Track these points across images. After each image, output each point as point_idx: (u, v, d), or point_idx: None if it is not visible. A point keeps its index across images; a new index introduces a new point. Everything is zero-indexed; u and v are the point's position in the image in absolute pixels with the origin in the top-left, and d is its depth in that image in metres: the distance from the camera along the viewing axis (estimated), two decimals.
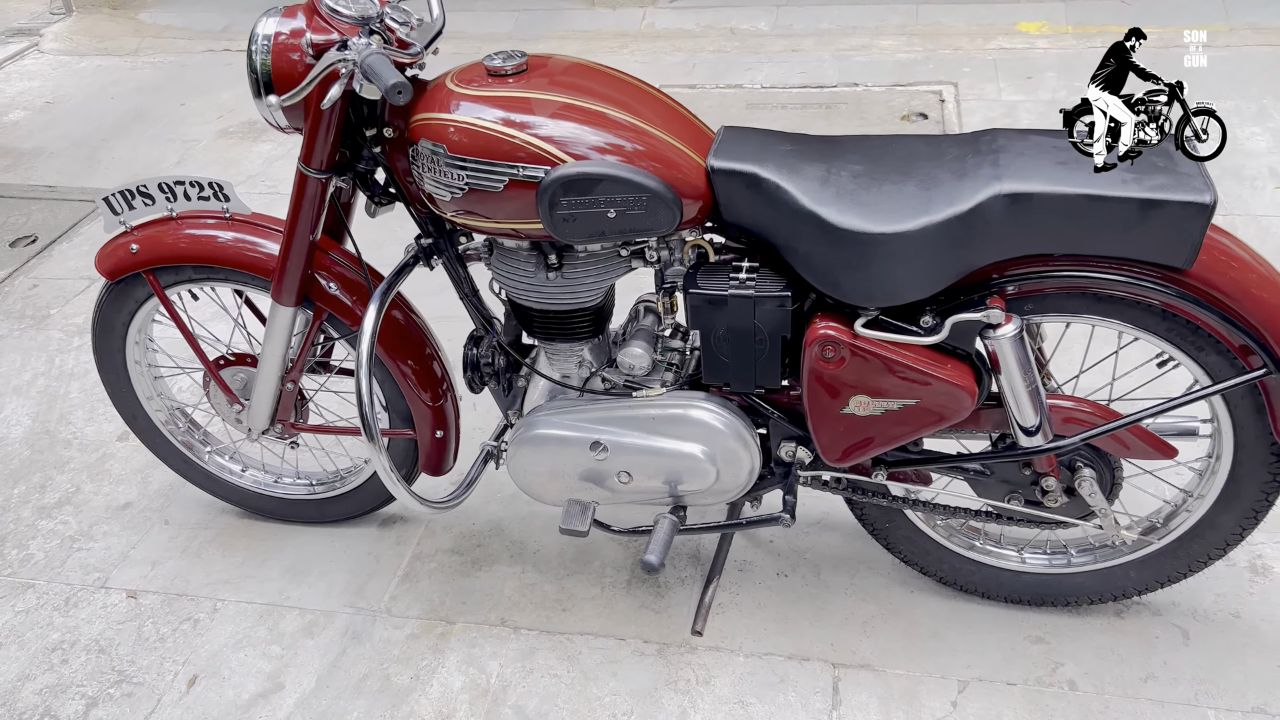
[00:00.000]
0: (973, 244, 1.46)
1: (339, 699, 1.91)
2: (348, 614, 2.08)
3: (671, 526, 1.77)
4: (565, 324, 1.76)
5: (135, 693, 1.96)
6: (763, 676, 1.88)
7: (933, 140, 1.60)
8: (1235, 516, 1.71)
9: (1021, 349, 1.54)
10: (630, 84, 1.65)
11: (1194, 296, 1.48)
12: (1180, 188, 1.39)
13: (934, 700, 1.82)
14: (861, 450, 1.65)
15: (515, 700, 1.88)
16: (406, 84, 1.39)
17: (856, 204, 1.49)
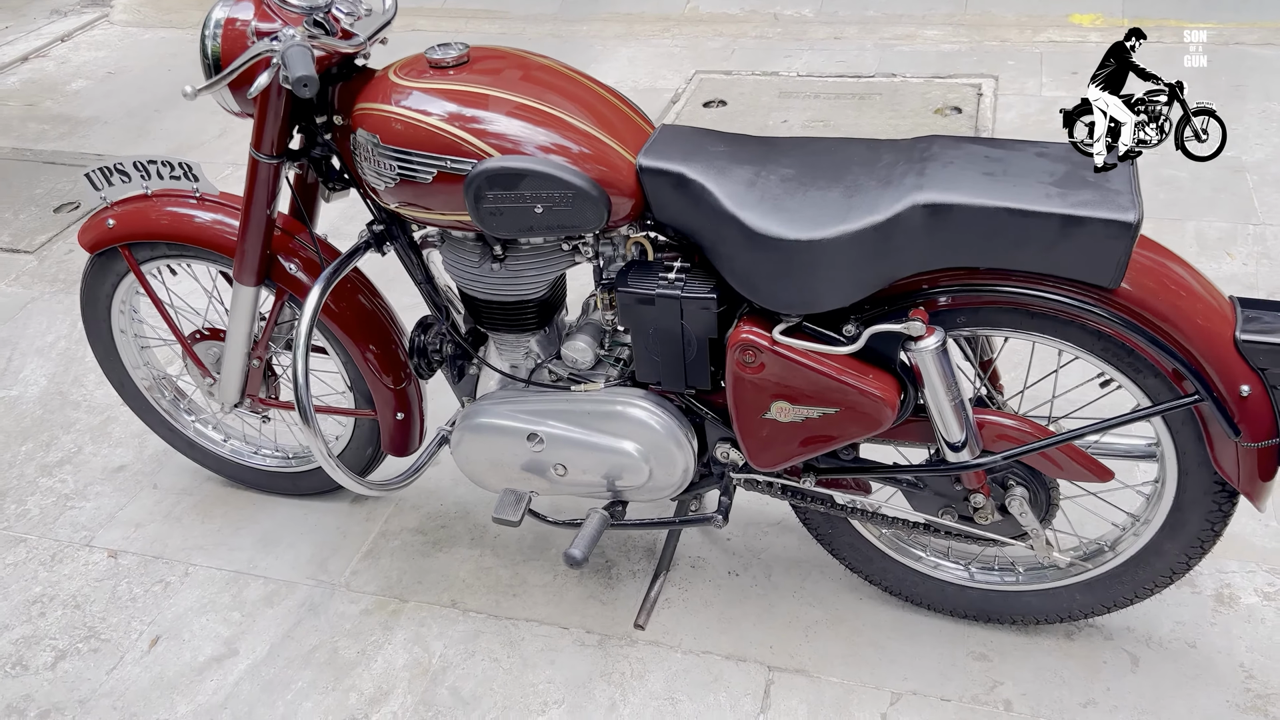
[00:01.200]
0: (892, 254, 1.43)
1: (287, 668, 1.97)
2: (308, 586, 2.14)
3: (601, 521, 1.78)
4: (511, 315, 1.77)
5: (101, 649, 2.05)
6: (697, 675, 1.88)
7: (873, 145, 1.57)
8: (1181, 545, 1.65)
9: (944, 362, 1.50)
10: (571, 78, 1.64)
11: (1122, 317, 1.43)
12: (1104, 205, 1.34)
13: (864, 711, 1.80)
14: (786, 456, 1.64)
15: (453, 681, 1.92)
16: (313, 78, 1.41)
17: (778, 209, 1.47)
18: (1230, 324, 1.44)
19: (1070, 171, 1.41)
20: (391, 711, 1.87)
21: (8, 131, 4.38)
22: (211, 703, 1.92)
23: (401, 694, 1.90)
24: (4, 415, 2.72)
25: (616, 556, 2.14)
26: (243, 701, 1.92)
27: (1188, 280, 1.47)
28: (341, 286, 1.94)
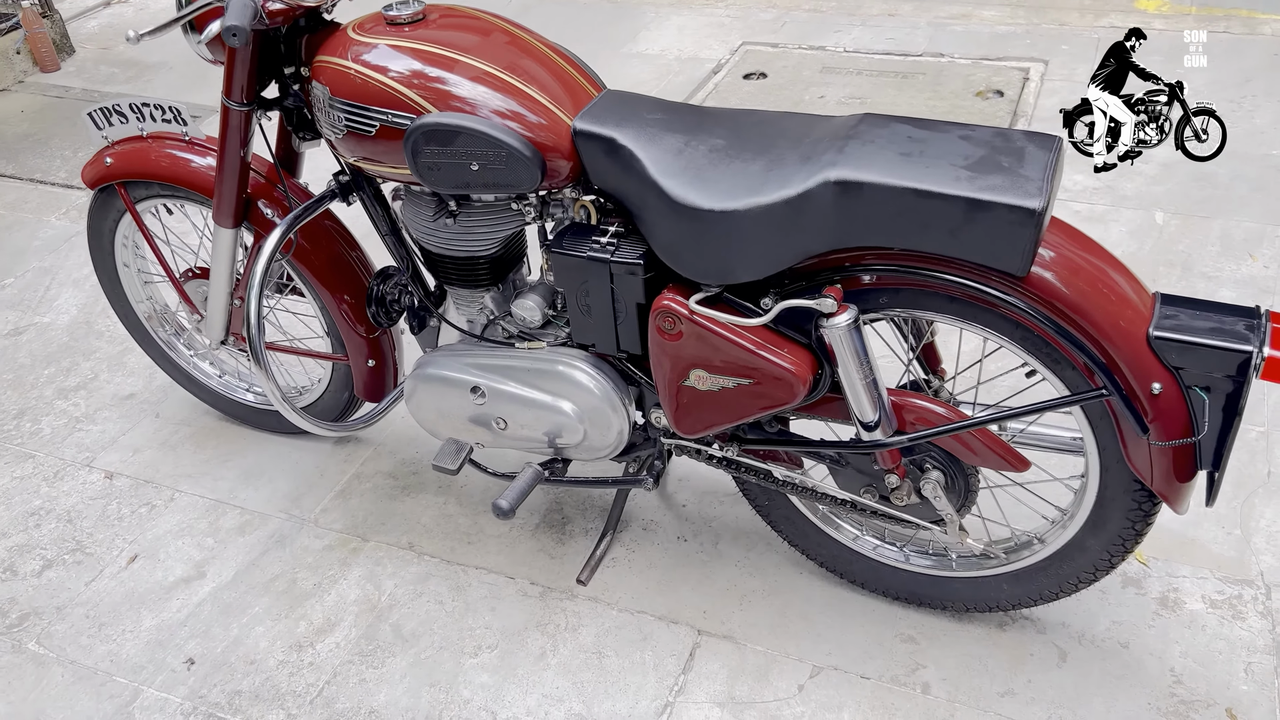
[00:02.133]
0: (805, 230, 1.44)
1: (247, 594, 2.08)
2: (280, 519, 2.25)
3: (534, 476, 1.83)
4: (464, 270, 1.82)
5: (85, 561, 2.19)
6: (628, 633, 1.93)
7: (809, 121, 1.57)
8: (1103, 542, 1.63)
9: (856, 340, 1.51)
10: (521, 40, 1.68)
11: (1032, 306, 1.42)
12: (1011, 190, 1.33)
13: (782, 680, 1.82)
14: (707, 423, 1.66)
15: (396, 619, 2.00)
16: (241, 28, 1.48)
17: (699, 179, 1.49)
18: (1147, 320, 1.41)
19: (988, 156, 1.39)
20: (335, 641, 1.96)
21: (81, 73, 4.59)
22: (174, 620, 2.04)
23: (347, 626, 1.99)
24: (35, 339, 2.89)
25: (573, 514, 2.19)
26: (202, 621, 2.03)
27: (1108, 273, 1.44)
28: (318, 234, 2.02)
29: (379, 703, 1.85)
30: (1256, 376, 1.36)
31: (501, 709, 1.82)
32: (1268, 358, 1.34)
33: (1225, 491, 2.09)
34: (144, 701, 1.89)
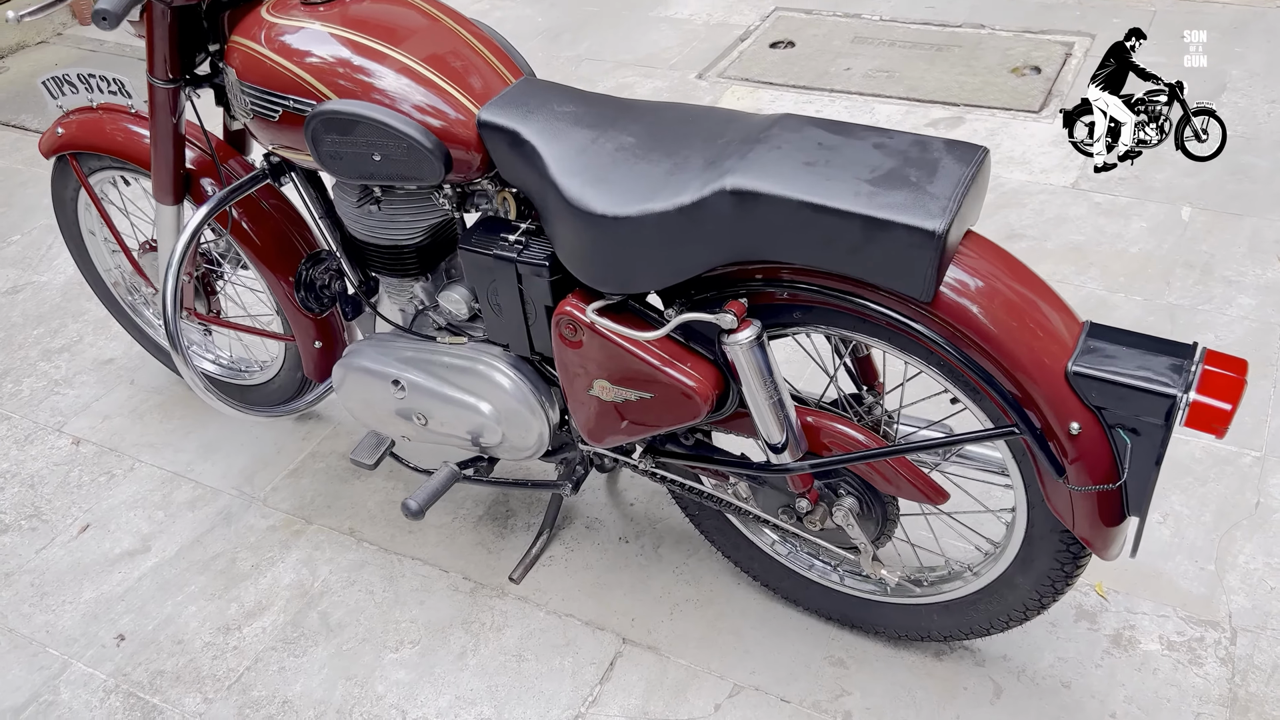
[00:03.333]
0: (701, 241, 1.34)
1: (186, 571, 2.08)
2: (230, 496, 2.24)
3: (449, 477, 1.77)
4: (390, 259, 1.77)
5: (39, 529, 2.21)
6: (552, 636, 1.88)
7: (731, 119, 1.46)
8: (1032, 581, 1.52)
9: (760, 358, 1.41)
10: (439, 22, 1.60)
11: (940, 334, 1.30)
12: (912, 209, 1.22)
13: (700, 698, 1.76)
14: (613, 434, 1.59)
15: (326, 607, 1.98)
16: (111, 13, 1.43)
17: (598, 180, 1.40)
18: (1069, 353, 1.29)
19: (897, 168, 1.27)
20: (262, 626, 1.95)
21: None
22: (113, 593, 2.05)
23: (276, 612, 1.98)
24: (30, 299, 2.92)
25: (518, 507, 2.14)
26: (139, 596, 2.03)
27: (1031, 299, 1.32)
28: (259, 214, 1.98)
29: (294, 693, 1.83)
30: (1180, 423, 1.23)
31: (412, 708, 1.78)
32: (1193, 403, 1.21)
33: (1205, 521, 1.94)
34: (71, 675, 1.90)
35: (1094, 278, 2.56)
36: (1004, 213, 2.80)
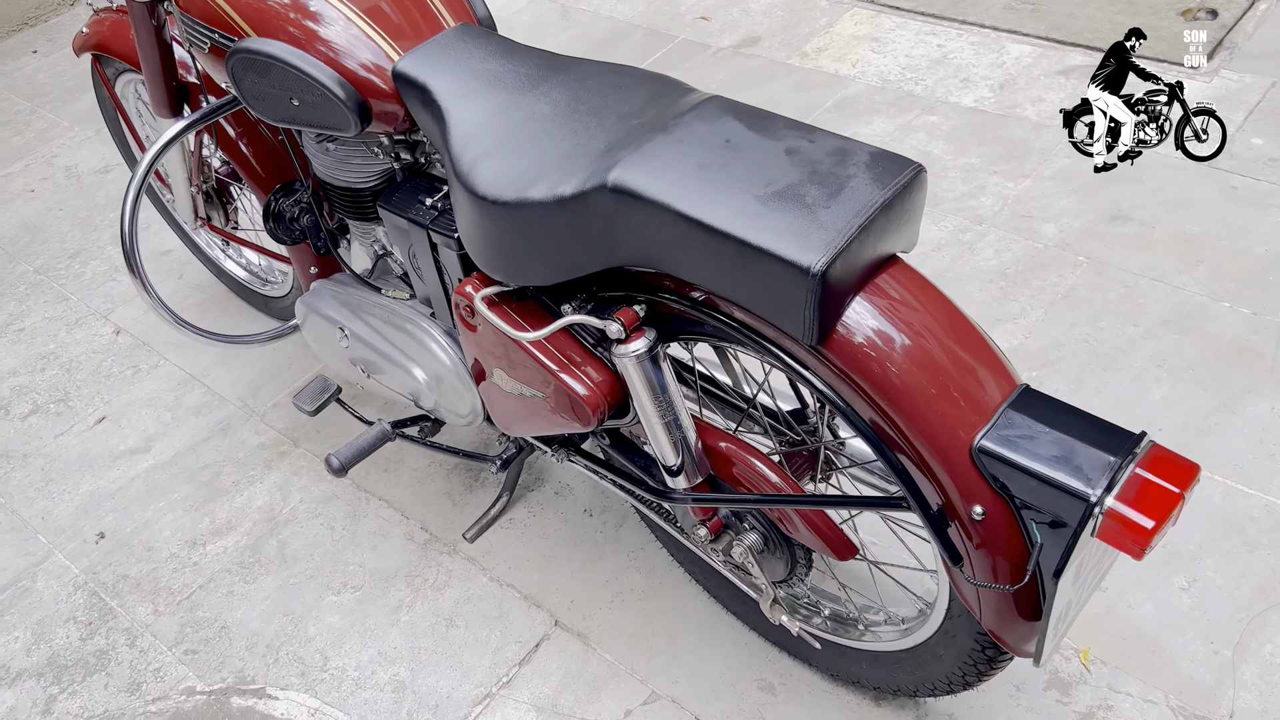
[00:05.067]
0: (582, 239, 1.19)
1: (175, 478, 2.13)
2: (234, 407, 2.27)
3: (378, 437, 1.70)
4: (349, 200, 1.68)
5: (64, 414, 2.31)
6: (487, 606, 1.82)
7: (663, 91, 1.27)
8: (954, 656, 1.33)
9: (652, 372, 1.25)
10: None
11: (826, 382, 1.11)
12: (792, 238, 1.02)
13: (613, 700, 1.66)
14: (517, 425, 1.47)
15: (286, 536, 1.98)
16: None
17: (491, 154, 1.25)
18: (985, 422, 1.07)
19: (798, 183, 1.07)
20: (224, 546, 1.98)
21: None
22: (106, 490, 2.12)
23: (241, 534, 2.00)
24: (118, 180, 3.03)
25: None
26: (128, 497, 2.10)
27: (952, 350, 1.10)
28: (253, 135, 1.92)
29: (234, 619, 1.85)
30: (1092, 533, 1.00)
31: (335, 655, 1.77)
32: (1109, 510, 0.99)
33: (1239, 597, 1.66)
34: (50, 565, 1.99)
35: (1198, 278, 2.21)
36: (1114, 189, 2.43)
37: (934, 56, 3.03)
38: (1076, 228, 2.36)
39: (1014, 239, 2.36)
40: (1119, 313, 2.16)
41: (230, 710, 1.73)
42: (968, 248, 2.37)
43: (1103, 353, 2.09)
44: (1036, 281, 2.27)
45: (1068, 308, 2.19)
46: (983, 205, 2.47)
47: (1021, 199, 2.46)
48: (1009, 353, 2.00)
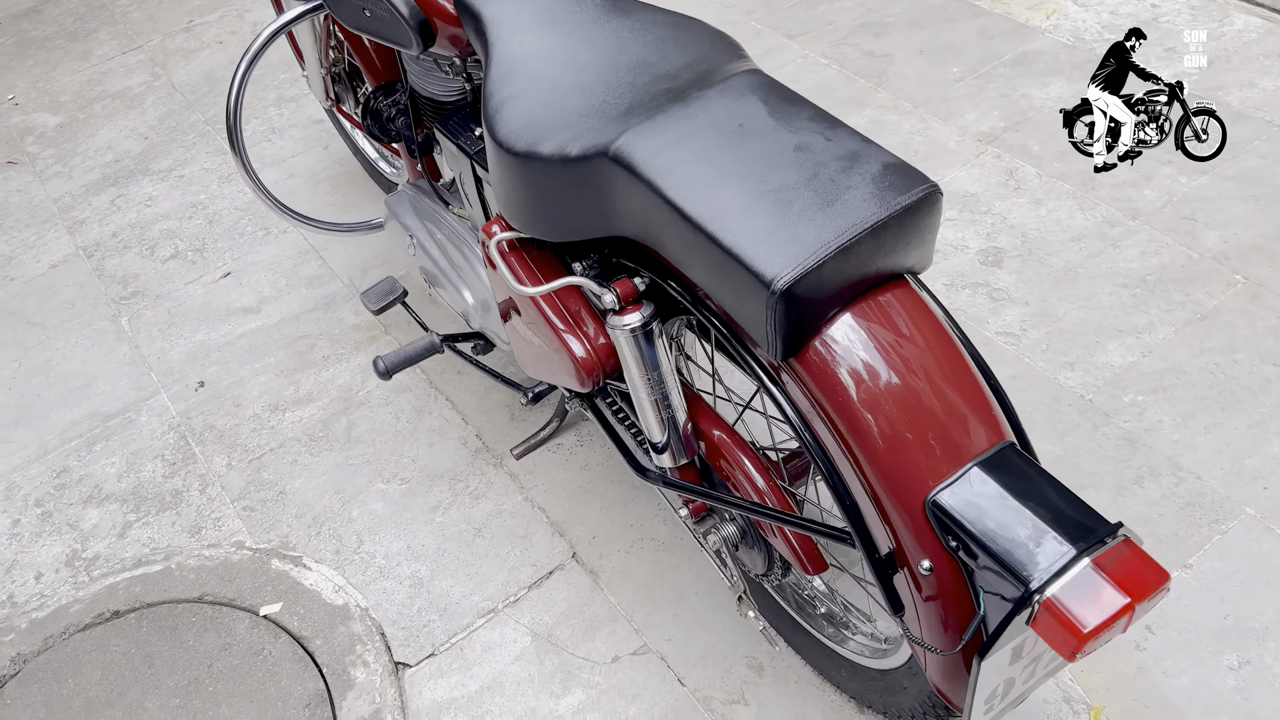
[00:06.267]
0: (582, 203, 1.15)
1: (275, 343, 2.26)
2: (341, 284, 2.38)
3: (426, 348, 1.73)
4: (432, 111, 1.69)
5: (197, 262, 2.49)
6: (515, 524, 1.87)
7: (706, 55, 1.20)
8: (917, 692, 1.27)
9: (644, 347, 1.22)
10: None
11: (790, 400, 1.05)
12: (765, 246, 0.96)
13: (606, 643, 1.69)
14: (530, 369, 1.47)
15: (355, 417, 2.08)
16: None
17: (523, 96, 1.23)
18: (951, 474, 0.99)
19: (797, 185, 1.00)
20: (299, 416, 2.10)
21: None
22: (216, 342, 2.28)
23: (317, 407, 2.12)
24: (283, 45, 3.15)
25: None
26: (231, 352, 2.26)
27: (940, 388, 1.01)
28: None
29: (291, 487, 1.98)
30: (1027, 621, 0.92)
31: (369, 540, 1.87)
32: (1045, 603, 0.90)
33: None
34: (154, 403, 2.18)
35: None
36: None
37: (1143, 18, 2.71)
38: (1244, 241, 2.10)
39: (1167, 242, 2.13)
40: (1262, 348, 1.93)
41: (269, 571, 1.86)
42: (1111, 244, 2.15)
43: (1227, 390, 1.87)
44: (1177, 295, 2.04)
45: (1203, 331, 1.97)
46: (1143, 199, 2.23)
47: (1190, 197, 2.21)
48: (1118, 369, 1.84)
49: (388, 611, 1.77)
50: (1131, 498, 1.74)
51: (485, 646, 1.70)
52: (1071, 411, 1.87)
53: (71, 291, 2.47)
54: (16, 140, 2.98)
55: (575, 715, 1.60)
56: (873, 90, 2.64)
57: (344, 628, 1.77)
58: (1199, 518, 1.70)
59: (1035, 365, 1.96)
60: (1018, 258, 2.16)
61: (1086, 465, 1.79)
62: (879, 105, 2.59)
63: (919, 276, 1.09)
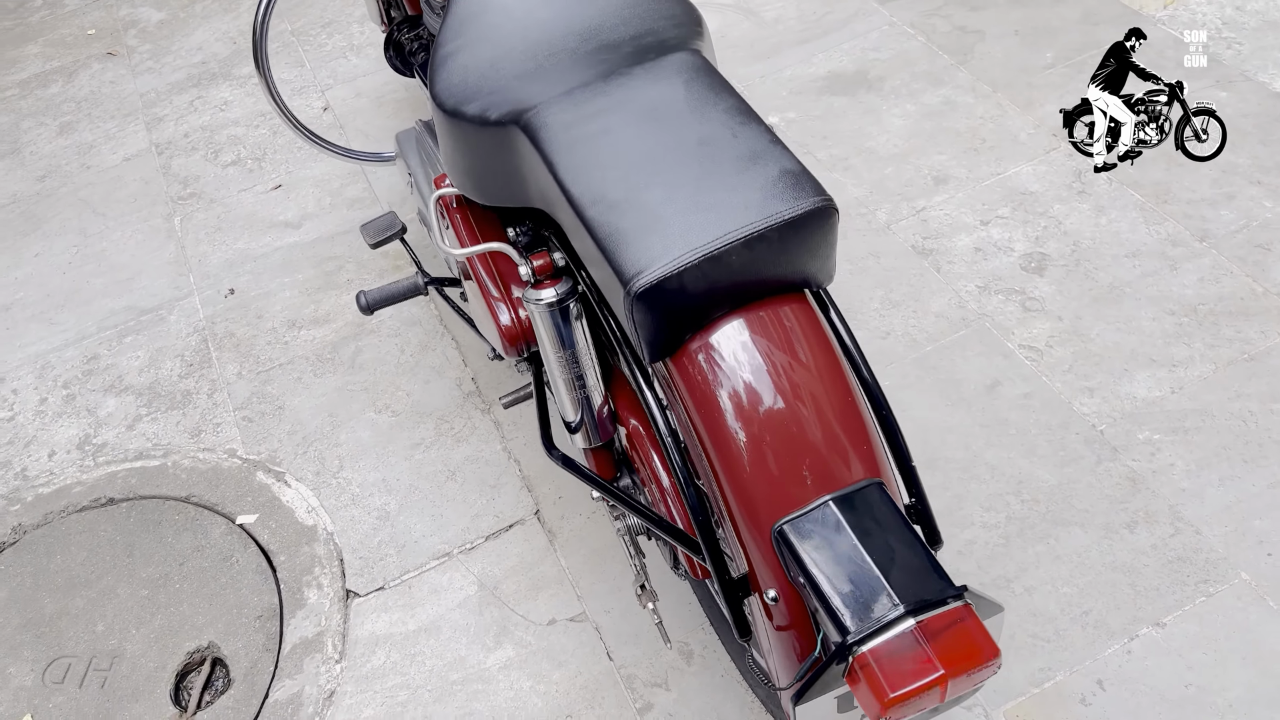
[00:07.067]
0: (501, 168, 1.12)
1: (305, 260, 2.31)
2: (381, 209, 2.40)
3: (409, 288, 1.72)
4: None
5: (254, 172, 2.56)
6: (488, 473, 1.88)
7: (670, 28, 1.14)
8: None
9: (558, 323, 1.18)
10: None
11: (653, 394, 1.01)
12: (633, 242, 0.91)
13: (546, 605, 1.69)
14: (482, 328, 1.45)
15: (363, 344, 2.12)
16: None
17: (465, 51, 1.20)
18: (805, 503, 0.94)
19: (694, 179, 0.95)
20: (313, 336, 2.15)
21: None
22: (253, 252, 2.35)
23: (331, 329, 2.16)
24: None
25: None
26: (265, 264, 2.32)
27: (812, 417, 0.95)
28: None
29: (291, 404, 2.04)
30: (843, 674, 0.87)
31: (348, 467, 1.91)
32: (859, 658, 0.85)
33: None
34: (185, 305, 2.26)
35: None
36: None
37: (1272, 17, 2.46)
38: None
39: (1231, 271, 1.95)
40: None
41: (253, 482, 1.93)
42: (1169, 265, 1.99)
43: (1254, 442, 1.72)
44: (1228, 330, 1.88)
45: (1246, 374, 1.81)
46: (1218, 219, 2.04)
47: (1271, 225, 2.01)
48: (1140, 402, 1.71)
49: (350, 539, 1.81)
50: (1118, 542, 1.62)
51: (432, 589, 1.72)
52: (1078, 441, 1.76)
53: (136, 186, 2.57)
54: (120, 32, 3.10)
55: (501, 670, 1.61)
56: (954, 68, 2.48)
57: (308, 548, 1.82)
58: (1186, 575, 1.58)
59: (1052, 385, 1.84)
60: (1063, 267, 2.02)
61: (1079, 500, 1.68)
62: (956, 85, 2.44)
63: (826, 291, 1.02)
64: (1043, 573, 1.60)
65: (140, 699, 1.66)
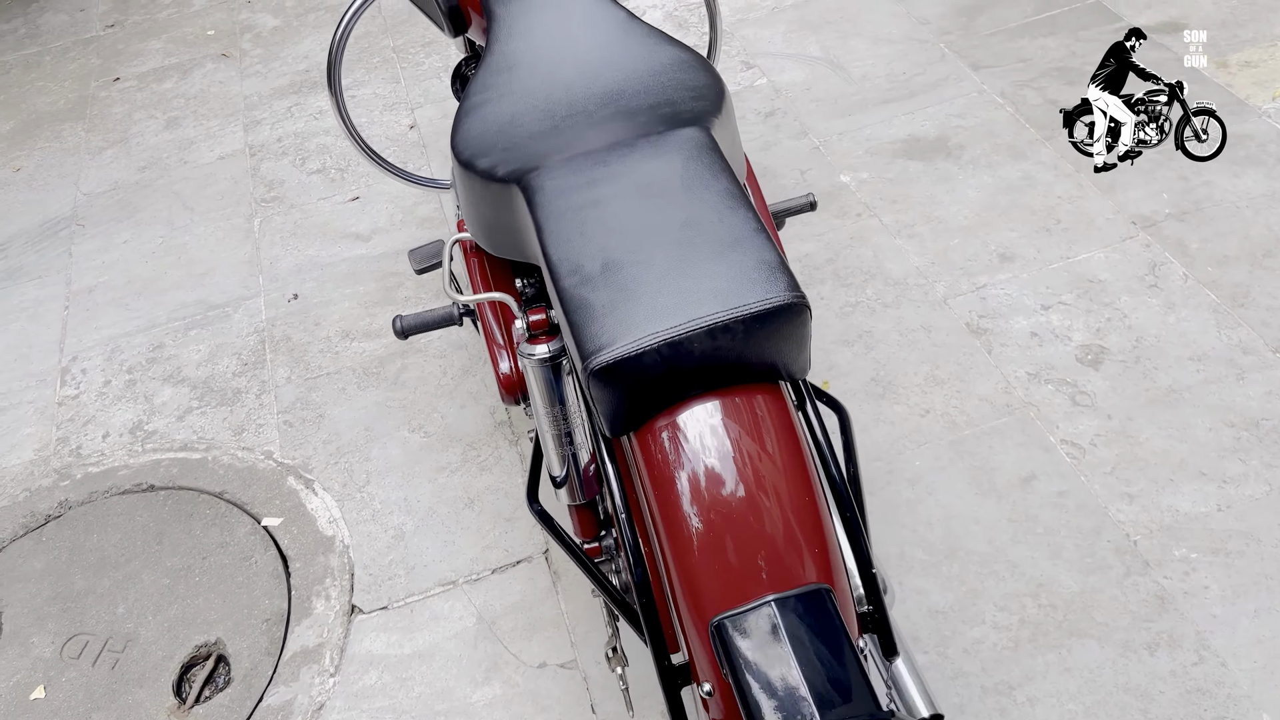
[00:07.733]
0: (504, 223, 1.13)
1: (369, 273, 2.38)
2: (449, 231, 2.45)
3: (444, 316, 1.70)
4: None
5: (335, 181, 2.64)
6: (505, 506, 1.89)
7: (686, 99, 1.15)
8: None
9: (550, 382, 1.19)
10: None
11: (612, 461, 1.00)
12: (598, 319, 0.91)
13: (540, 647, 1.69)
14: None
15: (408, 362, 2.16)
16: None
17: (489, 105, 1.22)
18: (746, 600, 0.92)
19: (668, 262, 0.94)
20: (363, 349, 2.21)
21: None
22: (321, 261, 2.43)
23: (380, 345, 2.21)
24: None
25: None
26: (331, 274, 2.39)
27: (773, 512, 0.93)
28: None
29: (331, 414, 2.09)
30: None
31: (374, 483, 1.95)
32: None
33: None
34: (250, 305, 2.35)
35: None
36: None
37: None
38: None
39: None
40: None
41: (283, 487, 1.98)
42: (1237, 373, 1.89)
43: None
44: None
45: None
46: None
47: None
48: (1182, 516, 1.64)
49: (364, 554, 1.84)
50: (1135, 663, 1.54)
51: (433, 615, 1.74)
52: (1108, 549, 1.68)
53: (226, 185, 2.68)
54: (237, 36, 3.25)
55: (485, 708, 1.62)
56: (1039, 143, 2.41)
57: (323, 559, 1.86)
58: (1205, 709, 1.49)
59: (1090, 487, 1.76)
60: (1121, 363, 1.93)
61: (1100, 612, 1.60)
62: (1038, 160, 2.36)
63: (807, 382, 1.00)
64: (1049, 684, 1.53)
65: (145, 685, 1.72)
